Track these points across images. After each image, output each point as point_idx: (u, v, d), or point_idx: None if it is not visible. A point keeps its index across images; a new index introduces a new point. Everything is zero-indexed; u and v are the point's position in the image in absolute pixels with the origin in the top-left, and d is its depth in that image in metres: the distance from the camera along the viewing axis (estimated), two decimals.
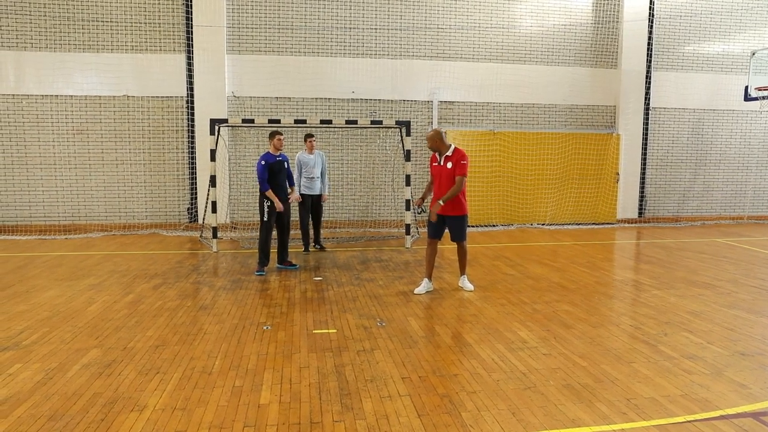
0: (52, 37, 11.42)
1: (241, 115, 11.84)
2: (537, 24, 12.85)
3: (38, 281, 7.29)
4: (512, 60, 12.86)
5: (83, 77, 11.53)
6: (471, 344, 4.96)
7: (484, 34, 12.70)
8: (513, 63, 12.85)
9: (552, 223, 12.81)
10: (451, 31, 12.56)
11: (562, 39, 13.03)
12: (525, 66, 12.88)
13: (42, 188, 11.67)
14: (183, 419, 3.54)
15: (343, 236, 11.19)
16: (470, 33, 12.64)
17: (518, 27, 12.80)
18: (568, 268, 8.24)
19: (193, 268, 8.20)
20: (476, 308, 6.11)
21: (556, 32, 12.97)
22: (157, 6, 11.64)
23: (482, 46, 12.75)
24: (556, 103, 13.15)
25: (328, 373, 4.27)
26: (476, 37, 12.69)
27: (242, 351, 4.75)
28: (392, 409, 3.70)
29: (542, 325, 5.51)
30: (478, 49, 12.74)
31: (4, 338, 5.06)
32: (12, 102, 11.46)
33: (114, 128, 11.75)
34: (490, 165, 12.60)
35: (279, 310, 5.98)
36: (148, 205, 11.98)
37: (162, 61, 11.70)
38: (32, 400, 3.81)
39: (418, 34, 12.46)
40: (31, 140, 11.56)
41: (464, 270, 7.03)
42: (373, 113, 12.33)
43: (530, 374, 4.29)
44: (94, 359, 4.55)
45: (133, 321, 5.58)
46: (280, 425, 3.47)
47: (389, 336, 5.16)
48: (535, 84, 12.91)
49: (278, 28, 11.99)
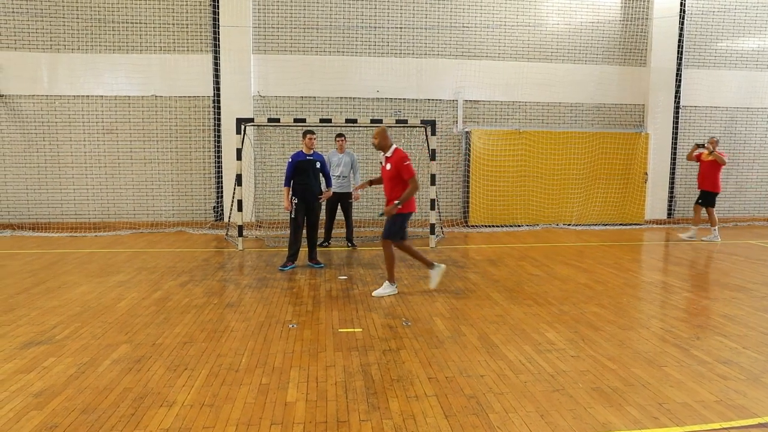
0: (84, 39, 11.67)
1: (267, 114, 11.93)
2: (564, 22, 12.69)
3: (70, 277, 7.44)
4: (538, 58, 12.72)
5: (113, 78, 11.75)
6: (497, 345, 4.90)
7: (510, 32, 12.58)
8: (539, 61, 12.71)
9: (578, 223, 12.63)
10: (477, 29, 12.47)
11: (590, 37, 12.84)
12: (551, 64, 12.73)
13: (73, 186, 11.94)
14: (211, 415, 3.57)
15: (368, 235, 11.20)
16: (496, 31, 12.54)
17: (545, 25, 12.65)
18: (596, 269, 8.11)
19: (219, 266, 8.29)
20: (502, 309, 6.05)
21: (584, 30, 12.79)
22: (184, 7, 11.81)
23: (508, 44, 12.63)
24: (582, 101, 12.97)
25: (354, 372, 4.27)
26: (502, 36, 12.58)
27: (269, 349, 4.78)
28: (419, 409, 3.68)
29: (570, 327, 5.43)
30: (503, 47, 12.62)
31: (38, 333, 5.18)
32: (45, 102, 11.75)
33: (142, 128, 11.96)
34: (515, 165, 12.47)
35: (305, 309, 6.00)
36: (175, 203, 12.16)
37: (189, 61, 11.86)
38: (66, 393, 3.88)
39: (444, 32, 12.40)
40: (63, 140, 11.83)
41: (389, 275, 6.62)
42: (397, 112, 12.32)
43: (558, 376, 4.22)
44: (124, 354, 4.62)
45: (161, 317, 5.66)
46: (306, 423, 3.48)
47: (415, 335, 5.14)
48: (561, 82, 12.75)
49: (303, 27, 12.06)
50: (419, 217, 12.06)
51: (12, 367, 4.34)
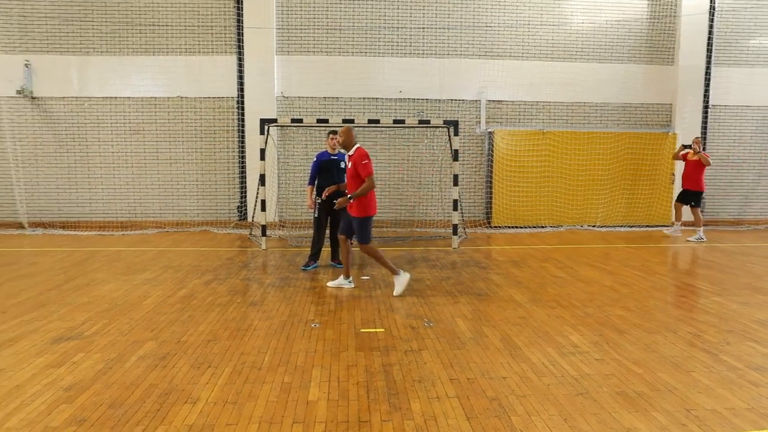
0: (113, 42, 11.91)
1: (290, 114, 12.02)
2: (589, 20, 12.52)
3: (98, 275, 7.60)
4: (563, 58, 12.57)
5: (140, 79, 11.97)
6: (520, 347, 4.86)
7: (533, 32, 12.46)
8: (563, 61, 12.56)
9: (603, 224, 12.45)
10: (500, 29, 12.39)
11: (616, 35, 12.65)
12: (576, 64, 12.57)
13: (101, 186, 12.18)
14: (234, 413, 3.61)
15: (389, 236, 11.20)
16: (519, 31, 12.43)
17: (569, 24, 12.51)
18: (621, 272, 7.98)
19: (242, 265, 8.38)
20: (525, 311, 5.99)
21: (609, 28, 12.60)
22: (209, 9, 11.96)
23: (532, 43, 12.51)
24: (608, 101, 12.78)
25: (375, 372, 4.28)
26: (526, 35, 12.47)
27: (291, 348, 4.81)
28: (440, 410, 3.67)
29: (594, 330, 5.35)
30: (527, 47, 12.51)
31: (68, 328, 5.30)
32: (75, 104, 12.01)
33: (168, 128, 12.15)
34: (539, 165, 12.35)
35: (327, 308, 6.03)
36: (199, 203, 12.33)
37: (214, 62, 12.01)
38: (94, 388, 3.97)
39: (466, 32, 12.34)
40: (92, 140, 12.09)
41: (345, 269, 6.90)
42: (420, 113, 12.30)
43: (582, 380, 4.17)
44: (149, 351, 4.70)
45: (186, 315, 5.74)
46: (328, 422, 3.49)
47: (437, 336, 5.13)
48: (586, 82, 12.59)
49: (326, 28, 12.12)
50: (442, 217, 12.05)
51: (43, 362, 4.45)
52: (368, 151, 6.71)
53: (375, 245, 6.96)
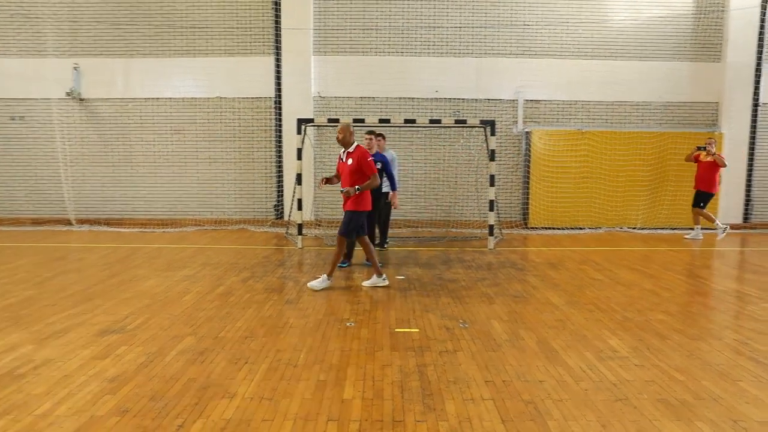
0: (155, 44, 12.24)
1: (327, 114, 12.12)
2: (631, 17, 12.21)
3: (140, 271, 7.82)
4: (603, 56, 12.30)
5: (181, 80, 12.27)
6: (557, 350, 4.78)
7: (573, 30, 12.23)
8: (604, 59, 12.29)
9: (644, 227, 12.13)
10: (538, 27, 12.20)
11: (659, 32, 12.29)
12: (617, 62, 12.28)
13: (144, 184, 12.54)
14: (270, 409, 3.66)
15: (425, 236, 11.18)
16: (558, 29, 12.22)
17: (610, 21, 12.23)
18: (663, 275, 7.76)
19: (279, 263, 8.49)
20: (562, 314, 5.89)
21: (652, 25, 12.26)
22: (248, 11, 12.17)
23: (571, 42, 12.29)
24: (650, 100, 12.44)
25: (410, 372, 4.27)
26: (564, 33, 12.25)
27: (326, 346, 4.85)
28: (475, 412, 3.64)
29: (634, 335, 5.22)
30: (566, 45, 12.29)
31: (112, 322, 5.48)
32: (120, 105, 12.40)
33: (207, 128, 12.42)
34: (577, 166, 12.12)
35: (362, 308, 6.06)
36: (237, 201, 12.55)
37: (252, 63, 12.21)
38: (136, 380, 4.09)
39: (504, 31, 12.21)
40: (135, 140, 12.45)
41: (331, 271, 6.89)
42: (456, 112, 12.23)
43: (621, 385, 4.07)
44: (188, 346, 4.81)
45: (223, 312, 5.86)
46: (362, 421, 3.51)
47: (472, 338, 5.09)
48: (627, 81, 12.29)
49: (363, 29, 12.17)
50: (478, 218, 11.95)
51: (89, 353, 4.61)
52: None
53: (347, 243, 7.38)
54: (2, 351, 4.69)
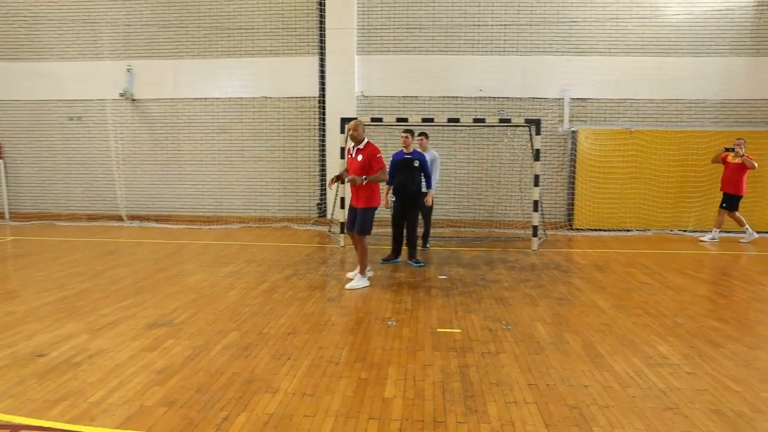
0: (203, 46, 12.56)
1: (370, 114, 12.16)
2: (685, 11, 11.76)
3: (187, 266, 8.04)
4: (654, 52, 11.89)
5: (228, 81, 12.55)
6: (603, 355, 4.65)
7: (622, 26, 11.87)
8: (655, 56, 11.88)
9: (696, 229, 11.66)
10: (586, 24, 11.90)
11: (716, 26, 11.79)
12: (669, 59, 11.85)
13: (191, 182, 12.90)
14: (312, 405, 3.70)
15: (467, 236, 11.08)
16: (606, 25, 11.89)
17: (662, 16, 11.81)
18: (717, 280, 7.45)
19: (321, 261, 8.57)
20: (608, 317, 5.73)
21: (709, 19, 11.77)
22: (293, 12, 12.33)
23: (620, 38, 11.93)
24: (704, 98, 11.95)
25: (452, 373, 4.24)
26: (613, 30, 11.90)
27: (368, 344, 4.87)
28: (518, 415, 3.58)
29: (685, 341, 5.03)
30: (615, 42, 11.94)
31: (160, 315, 5.65)
32: (169, 105, 12.79)
33: (253, 127, 12.66)
34: (625, 166, 11.76)
35: (404, 307, 6.05)
36: (281, 199, 12.75)
37: (297, 63, 12.37)
38: (182, 373, 4.20)
39: (550, 28, 11.96)
40: (184, 139, 12.81)
41: (359, 266, 6.93)
42: (501, 111, 12.07)
43: (671, 393, 3.93)
44: (233, 341, 4.91)
45: (267, 308, 5.95)
46: (404, 420, 3.50)
47: (515, 340, 5.01)
48: (680, 78, 11.84)
49: (406, 27, 12.15)
50: (521, 218, 11.76)
51: (139, 345, 4.77)
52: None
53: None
54: (61, 340, 4.91)
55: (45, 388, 3.92)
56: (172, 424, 3.43)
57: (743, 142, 10.43)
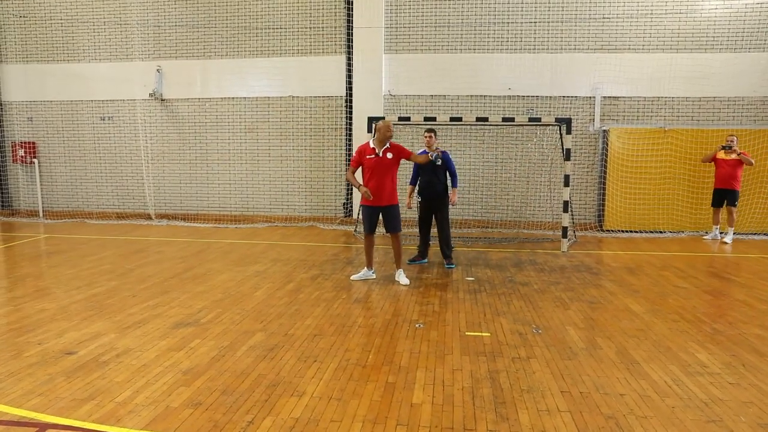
0: (231, 46, 12.63)
1: (397, 113, 12.06)
2: (723, 5, 11.37)
3: (214, 265, 8.07)
4: (690, 48, 11.53)
5: (255, 80, 12.59)
6: (639, 362, 4.48)
7: (656, 22, 11.54)
8: (691, 52, 11.51)
9: (734, 232, 11.25)
10: (618, 20, 11.60)
11: (756, 20, 11.36)
12: (705, 55, 11.47)
13: (218, 181, 12.99)
14: (338, 409, 3.63)
15: (495, 236, 10.91)
16: (640, 21, 11.56)
17: (699, 11, 11.44)
18: (757, 285, 7.15)
19: (347, 261, 8.52)
20: (643, 322, 5.54)
21: (748, 12, 11.35)
22: (321, 11, 12.31)
23: (654, 34, 11.59)
24: (743, 95, 11.54)
25: (481, 378, 4.12)
26: (647, 26, 11.57)
27: (395, 347, 4.78)
28: (551, 424, 3.45)
29: (726, 349, 4.81)
30: (648, 38, 11.61)
31: (187, 315, 5.65)
32: (198, 104, 12.90)
33: (280, 126, 12.68)
34: (658, 166, 11.43)
35: (431, 309, 5.95)
36: (307, 199, 12.75)
37: (324, 62, 12.35)
38: (208, 373, 4.18)
39: (581, 25, 11.69)
40: (211, 138, 12.91)
41: (400, 263, 7.18)
42: (530, 110, 11.85)
43: (713, 405, 3.75)
44: (259, 342, 4.87)
45: (293, 309, 5.91)
46: (432, 427, 3.40)
47: (546, 344, 4.86)
48: (717, 74, 11.45)
49: (434, 26, 12.02)
50: (550, 219, 11.52)
51: (165, 345, 4.77)
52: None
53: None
54: (89, 338, 4.95)
55: (73, 387, 3.94)
56: (198, 426, 3.40)
57: (735, 138, 10.41)
